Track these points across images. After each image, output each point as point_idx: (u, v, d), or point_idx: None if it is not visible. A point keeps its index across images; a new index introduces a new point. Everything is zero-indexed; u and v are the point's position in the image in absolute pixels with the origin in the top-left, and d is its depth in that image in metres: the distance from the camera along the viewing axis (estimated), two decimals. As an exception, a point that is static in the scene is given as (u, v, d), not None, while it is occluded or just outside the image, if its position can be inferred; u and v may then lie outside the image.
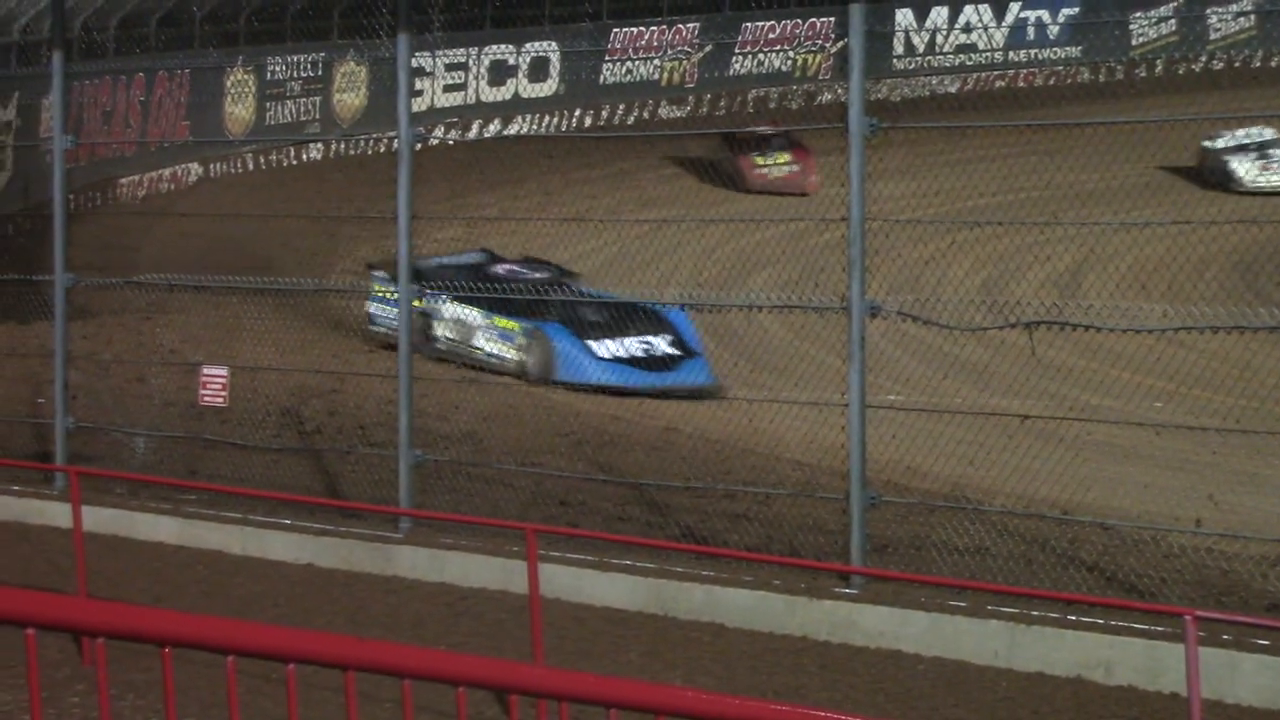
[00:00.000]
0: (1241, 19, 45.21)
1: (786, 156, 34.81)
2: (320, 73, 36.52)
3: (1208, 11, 44.73)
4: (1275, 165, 33.29)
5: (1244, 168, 33.09)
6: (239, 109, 35.06)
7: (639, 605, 12.41)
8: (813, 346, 20.69)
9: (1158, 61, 43.93)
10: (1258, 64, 43.96)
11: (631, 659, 11.45)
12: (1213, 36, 45.08)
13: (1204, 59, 44.06)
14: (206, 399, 15.41)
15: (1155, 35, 44.93)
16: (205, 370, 15.62)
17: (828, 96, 42.59)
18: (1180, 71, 43.42)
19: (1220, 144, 33.29)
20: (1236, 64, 43.85)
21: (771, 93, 42.87)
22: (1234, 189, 32.45)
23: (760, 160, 34.82)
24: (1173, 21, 44.76)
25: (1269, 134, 33.22)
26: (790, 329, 21.87)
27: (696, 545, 13.06)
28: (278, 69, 35.95)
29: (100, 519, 14.26)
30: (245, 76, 34.96)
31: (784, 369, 20.07)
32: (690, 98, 42.09)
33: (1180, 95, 37.91)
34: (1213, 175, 32.92)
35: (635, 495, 14.47)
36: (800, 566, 12.29)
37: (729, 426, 17.04)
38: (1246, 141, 33.26)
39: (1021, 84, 44.44)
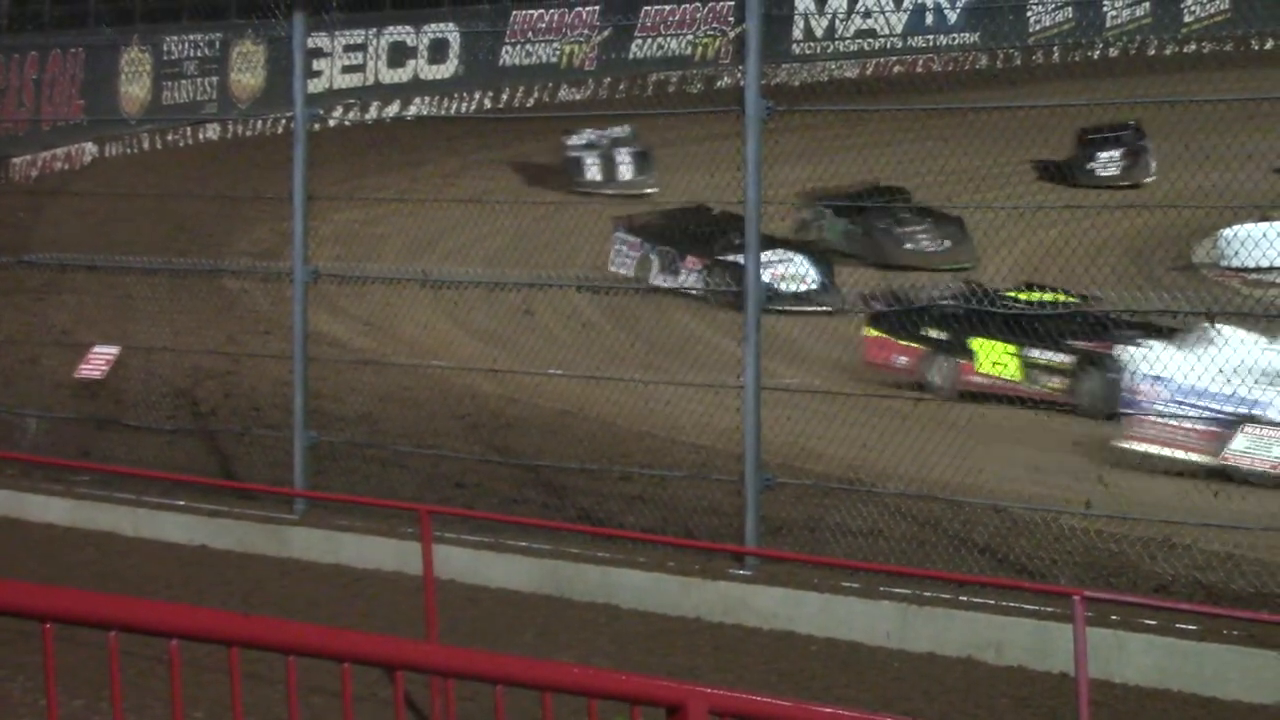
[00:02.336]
0: (1136, 7, 45.62)
1: None
2: (217, 52, 36.24)
3: (1104, -1, 45.12)
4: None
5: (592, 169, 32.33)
6: (134, 88, 34.74)
7: (534, 587, 12.42)
8: (710, 329, 20.77)
9: (1055, 48, 44.27)
10: (1152, 52, 44.39)
11: (526, 640, 11.46)
12: (1109, 24, 45.46)
13: (1100, 46, 44.44)
14: (84, 371, 15.30)
15: (1052, 22, 45.27)
16: (96, 349, 15.50)
17: (728, 80, 42.66)
18: (1077, 58, 43.78)
19: (573, 141, 32.61)
20: (1132, 51, 44.25)
21: (671, 76, 42.90)
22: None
23: None
24: (1069, 9, 45.11)
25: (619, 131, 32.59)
26: (690, 312, 21.94)
27: (592, 527, 13.09)
28: (174, 48, 35.65)
29: (-10, 500, 14.13)
30: (141, 55, 34.64)
31: (681, 351, 20.12)
32: (590, 81, 42.06)
33: (1077, 82, 38.22)
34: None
35: (531, 477, 14.47)
36: (695, 548, 12.34)
37: (625, 409, 17.05)
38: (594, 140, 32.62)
39: (920, 70, 44.66)
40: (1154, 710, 10.16)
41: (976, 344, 19.43)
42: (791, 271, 23.98)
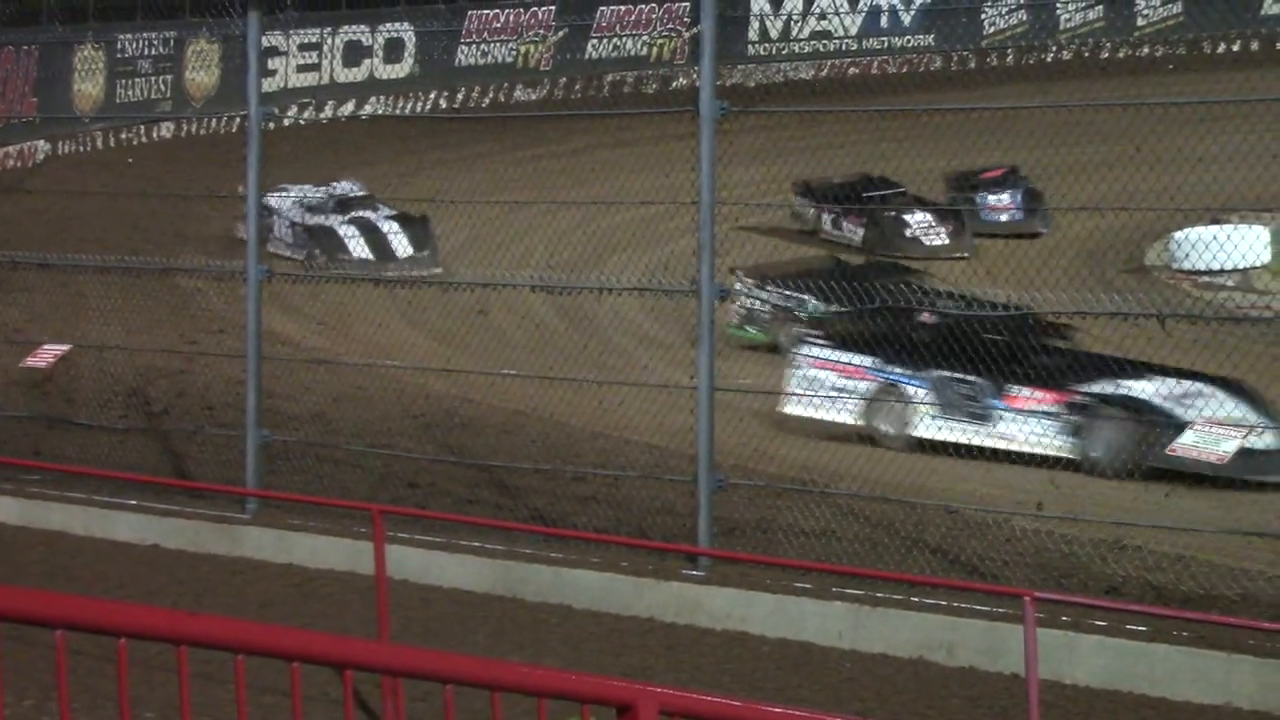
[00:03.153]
0: (1089, 10, 45.81)
1: None
2: (171, 50, 36.11)
3: (1057, 2, 45.29)
4: None
5: None
6: (88, 86, 34.60)
7: (487, 587, 12.41)
8: (665, 330, 20.78)
9: (1009, 51, 44.44)
10: (1105, 55, 44.57)
11: (479, 640, 11.45)
12: (1063, 27, 45.64)
13: (1054, 49, 44.61)
14: (29, 362, 15.29)
15: (1006, 25, 45.43)
16: (45, 347, 15.45)
17: (683, 81, 42.70)
18: (1031, 61, 43.95)
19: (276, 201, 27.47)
20: (1085, 54, 44.43)
21: (627, 77, 42.93)
22: None
23: None
24: (1023, 12, 45.28)
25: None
26: (645, 312, 21.95)
27: (545, 527, 13.08)
28: (128, 46, 35.52)
29: (-60, 499, 14.06)
30: (95, 53, 34.51)
31: (634, 352, 20.13)
32: (546, 81, 42.05)
33: (1030, 84, 38.37)
34: None
35: (484, 477, 14.46)
36: (648, 548, 12.34)
37: (579, 409, 17.05)
38: None
39: (875, 71, 44.77)
40: (1104, 711, 10.20)
41: None
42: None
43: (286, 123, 25.71)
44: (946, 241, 27.39)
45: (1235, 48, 43.94)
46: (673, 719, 4.34)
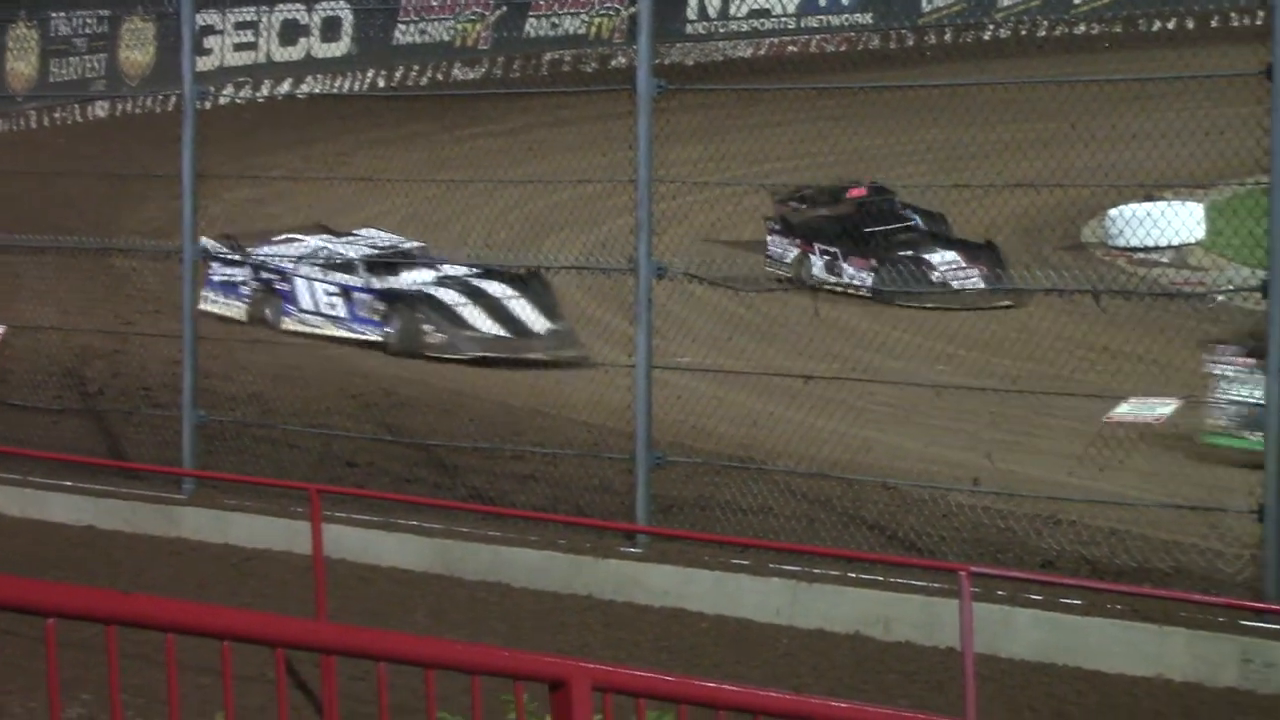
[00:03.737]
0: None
1: None
2: (106, 29, 35.86)
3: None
4: None
5: None
6: (21, 65, 34.33)
7: (425, 566, 12.41)
8: (603, 308, 20.78)
9: (946, 30, 44.55)
10: (1043, 33, 44.74)
11: (417, 619, 11.45)
12: (1000, 5, 45.77)
13: (991, 27, 44.74)
14: None
15: (944, 3, 45.54)
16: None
17: (622, 60, 42.65)
18: (969, 39, 44.08)
19: None
20: (1023, 33, 44.58)
21: (565, 56, 42.85)
22: None
23: None
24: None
25: None
26: (584, 291, 21.94)
27: (483, 506, 13.08)
28: (62, 24, 35.25)
29: (-128, 481, 13.96)
30: (28, 32, 34.23)
31: (577, 330, 20.10)
32: (484, 60, 41.94)
33: (968, 62, 38.48)
34: None
35: (423, 456, 14.45)
36: (586, 526, 12.36)
37: (517, 388, 17.07)
38: None
39: (814, 50, 44.82)
40: (1039, 684, 10.27)
41: None
42: None
43: (223, 101, 25.61)
44: (982, 285, 22.44)
45: (1170, 25, 44.15)
46: (606, 695, 4.35)
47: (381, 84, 40.18)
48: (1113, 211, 23.89)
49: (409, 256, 21.68)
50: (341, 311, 20.87)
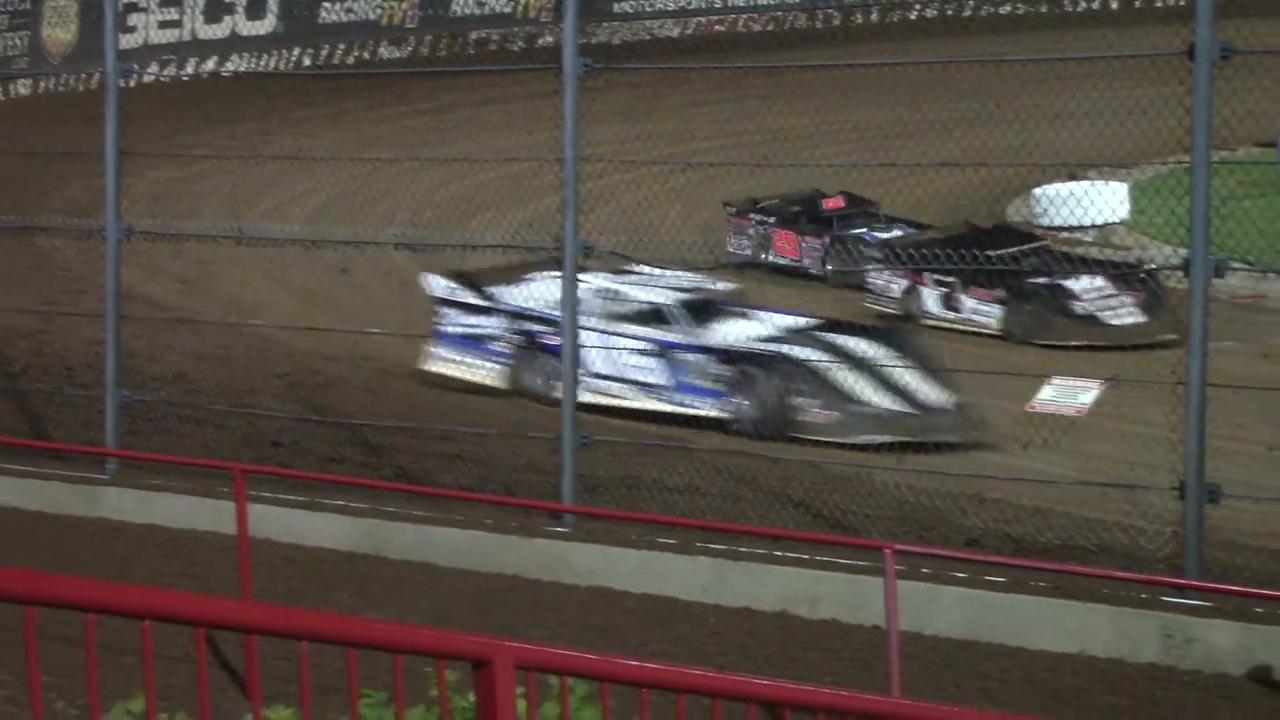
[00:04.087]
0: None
1: None
2: (28, 5, 35.54)
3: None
4: None
5: None
6: (-57, 42, 34.01)
7: (351, 545, 12.37)
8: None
9: (873, 9, 44.64)
10: (968, 13, 44.89)
11: (343, 599, 11.42)
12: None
13: (917, 7, 44.88)
14: None
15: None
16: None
17: (549, 39, 42.57)
18: (895, 19, 44.19)
19: None
20: (948, 12, 44.75)
21: (493, 34, 42.74)
22: None
23: None
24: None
25: None
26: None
27: (409, 485, 13.05)
28: (-16, 1, 34.94)
29: None
30: (-51, 9, 33.91)
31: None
32: (411, 38, 41.78)
33: (893, 42, 38.60)
34: None
35: (349, 436, 14.41)
36: (513, 506, 12.35)
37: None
38: None
39: (741, 29, 44.86)
40: (964, 661, 10.33)
41: None
42: None
43: (148, 80, 25.41)
44: (1142, 319, 19.38)
45: (1095, 5, 44.41)
46: (529, 673, 4.35)
47: (307, 62, 39.99)
48: (1037, 191, 24.03)
49: (720, 303, 17.44)
50: (660, 378, 16.41)
